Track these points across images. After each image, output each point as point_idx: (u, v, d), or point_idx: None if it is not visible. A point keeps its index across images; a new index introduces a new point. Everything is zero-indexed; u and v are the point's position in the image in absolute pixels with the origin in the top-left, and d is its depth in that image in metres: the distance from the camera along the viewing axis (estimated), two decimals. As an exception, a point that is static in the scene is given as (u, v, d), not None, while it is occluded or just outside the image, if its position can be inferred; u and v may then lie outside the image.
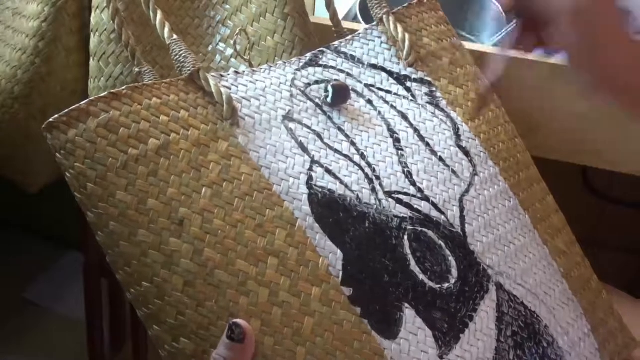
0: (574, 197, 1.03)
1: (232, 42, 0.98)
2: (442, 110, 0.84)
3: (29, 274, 1.80)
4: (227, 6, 1.01)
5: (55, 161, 0.65)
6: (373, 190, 0.73)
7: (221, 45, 1.01)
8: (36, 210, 1.67)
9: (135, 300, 0.64)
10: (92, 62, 1.00)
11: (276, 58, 0.96)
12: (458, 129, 0.84)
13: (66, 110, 0.63)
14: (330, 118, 0.77)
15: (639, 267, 1.40)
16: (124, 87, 0.66)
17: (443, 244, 0.74)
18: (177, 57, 0.73)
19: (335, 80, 0.81)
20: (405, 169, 0.77)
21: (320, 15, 1.21)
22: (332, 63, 0.83)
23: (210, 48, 1.01)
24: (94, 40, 0.99)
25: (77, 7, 1.04)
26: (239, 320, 0.59)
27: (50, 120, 0.63)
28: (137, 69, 0.77)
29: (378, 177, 0.75)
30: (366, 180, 0.74)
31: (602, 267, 0.91)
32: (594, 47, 0.70)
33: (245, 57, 0.94)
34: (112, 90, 0.65)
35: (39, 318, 1.71)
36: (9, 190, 1.22)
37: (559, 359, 0.77)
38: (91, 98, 0.64)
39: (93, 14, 1.00)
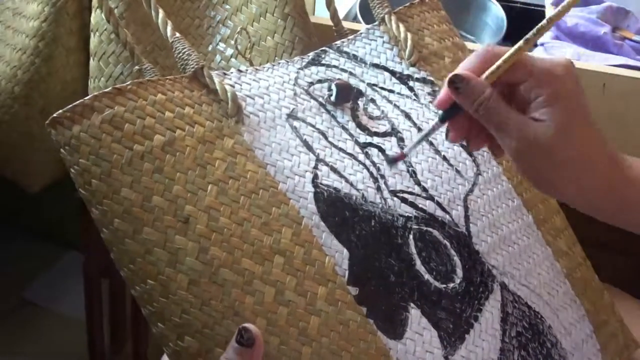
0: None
1: (232, 42, 0.98)
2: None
3: (29, 274, 1.80)
4: (227, 6, 1.01)
5: (55, 161, 0.65)
6: (378, 189, 0.73)
7: (221, 45, 1.01)
8: (36, 210, 1.67)
9: (139, 298, 0.63)
10: (92, 62, 1.00)
11: (276, 58, 0.96)
12: (461, 128, 0.84)
13: (70, 106, 0.63)
14: (334, 117, 0.77)
15: (639, 267, 1.40)
16: (128, 83, 0.66)
17: (448, 244, 0.74)
18: (180, 54, 0.73)
19: (339, 79, 0.80)
20: (410, 168, 0.77)
21: (320, 15, 1.21)
22: (334, 62, 0.83)
23: (210, 48, 1.02)
24: (94, 40, 0.99)
25: (77, 7, 1.04)
26: (248, 325, 0.59)
27: (54, 115, 0.62)
28: (137, 67, 0.77)
29: (383, 176, 0.74)
30: (371, 179, 0.73)
31: (603, 267, 0.91)
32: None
33: (246, 57, 0.94)
34: (116, 86, 0.65)
35: (39, 318, 1.71)
36: (9, 190, 1.22)
37: (562, 359, 0.77)
38: (95, 93, 0.63)
39: (93, 14, 1.00)
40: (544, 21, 0.66)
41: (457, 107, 0.67)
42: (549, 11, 1.32)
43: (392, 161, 0.76)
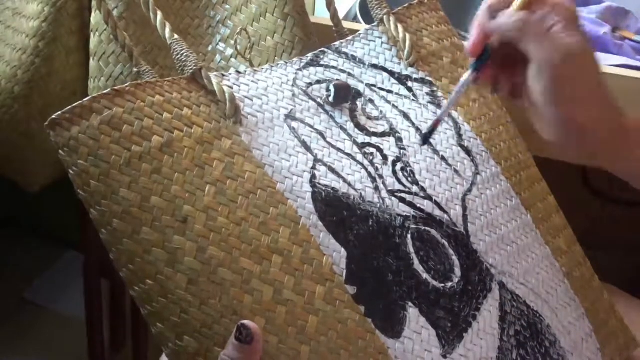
0: (574, 197, 1.03)
1: (232, 42, 0.98)
2: (444, 109, 0.84)
3: (29, 274, 1.80)
4: (227, 6, 1.01)
5: (55, 161, 0.65)
6: (376, 188, 0.73)
7: (221, 45, 1.01)
8: (36, 210, 1.67)
9: (138, 298, 0.63)
10: (92, 62, 1.00)
11: (276, 58, 0.96)
12: (460, 128, 0.84)
13: (69, 108, 0.63)
14: (332, 117, 0.77)
15: (639, 267, 1.40)
16: (126, 84, 0.66)
17: (446, 243, 0.74)
18: (179, 56, 0.73)
19: (337, 79, 0.81)
20: (408, 168, 0.77)
21: (320, 15, 1.21)
22: (333, 63, 0.83)
23: (210, 48, 1.02)
24: (94, 40, 0.99)
25: (77, 7, 1.04)
26: (247, 322, 0.59)
27: (53, 117, 0.63)
28: (135, 69, 0.77)
29: (381, 176, 0.75)
30: (369, 179, 0.74)
31: (602, 267, 0.91)
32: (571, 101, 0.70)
33: (246, 57, 0.94)
34: (115, 87, 0.65)
35: (39, 318, 1.71)
36: (9, 190, 1.22)
37: (561, 358, 0.77)
38: (94, 95, 0.64)
39: (93, 14, 1.00)
40: None
41: (487, 51, 0.74)
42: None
43: (429, 133, 0.78)
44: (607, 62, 1.15)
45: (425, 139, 0.79)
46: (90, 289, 1.40)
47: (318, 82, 0.80)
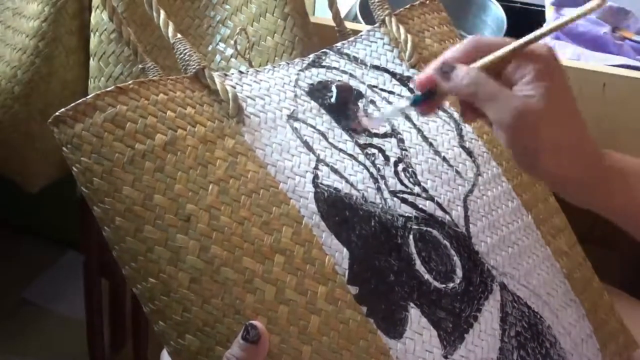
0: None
1: (232, 42, 0.98)
2: (444, 110, 0.84)
3: (29, 274, 1.80)
4: (227, 6, 1.01)
5: (55, 161, 0.65)
6: (378, 189, 0.73)
7: (221, 45, 1.01)
8: (36, 210, 1.67)
9: (141, 296, 0.63)
10: (92, 62, 1.00)
11: (276, 58, 0.97)
12: (461, 129, 0.84)
13: (73, 105, 0.63)
14: (333, 118, 0.77)
15: (639, 267, 1.40)
16: (130, 82, 0.66)
17: (448, 244, 0.74)
18: (182, 55, 0.73)
19: (339, 80, 0.81)
20: (410, 169, 0.77)
21: (320, 15, 1.21)
22: (335, 64, 0.83)
23: (210, 48, 1.02)
24: (94, 40, 0.99)
25: (77, 7, 1.04)
26: (254, 322, 0.59)
27: (57, 114, 0.63)
28: (140, 66, 0.77)
29: (383, 177, 0.75)
30: (371, 180, 0.74)
31: (602, 267, 0.91)
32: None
33: (246, 57, 0.94)
34: (119, 85, 0.65)
35: (39, 318, 1.71)
36: (9, 190, 1.22)
37: (561, 359, 0.77)
38: (97, 92, 0.64)
39: (93, 14, 1.00)
40: (545, 29, 0.66)
41: (431, 92, 0.69)
42: (549, 11, 1.32)
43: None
44: (607, 62, 1.15)
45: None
46: (90, 289, 1.40)
47: (320, 82, 0.80)
